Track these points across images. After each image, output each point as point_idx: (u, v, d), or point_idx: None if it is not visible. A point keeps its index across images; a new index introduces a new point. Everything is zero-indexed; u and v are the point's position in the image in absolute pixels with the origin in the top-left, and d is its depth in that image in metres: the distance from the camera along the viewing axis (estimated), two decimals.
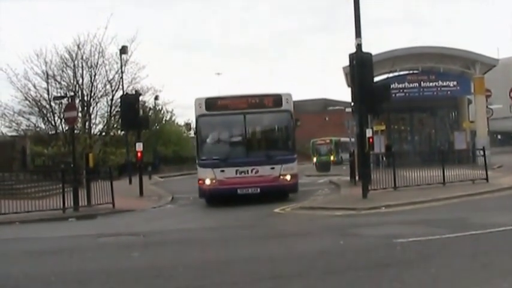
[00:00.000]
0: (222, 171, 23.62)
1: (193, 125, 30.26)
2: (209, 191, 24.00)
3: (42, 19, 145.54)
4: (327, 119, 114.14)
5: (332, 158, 74.42)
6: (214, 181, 23.73)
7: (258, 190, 23.55)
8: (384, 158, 33.59)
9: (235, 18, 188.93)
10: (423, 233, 13.09)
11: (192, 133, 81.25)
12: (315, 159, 73.71)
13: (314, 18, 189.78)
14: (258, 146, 25.21)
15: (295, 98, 24.97)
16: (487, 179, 26.05)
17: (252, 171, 23.64)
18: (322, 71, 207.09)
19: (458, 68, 44.77)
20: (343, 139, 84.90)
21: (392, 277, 9.10)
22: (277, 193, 24.19)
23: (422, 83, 44.60)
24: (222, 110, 24.36)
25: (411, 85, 44.65)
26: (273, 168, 23.73)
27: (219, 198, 24.18)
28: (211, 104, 24.35)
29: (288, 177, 23.86)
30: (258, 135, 25.65)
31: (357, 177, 28.52)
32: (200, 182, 24.22)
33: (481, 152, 28.61)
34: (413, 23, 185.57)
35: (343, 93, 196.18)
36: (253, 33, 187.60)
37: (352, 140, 42.68)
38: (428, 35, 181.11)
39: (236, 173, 23.55)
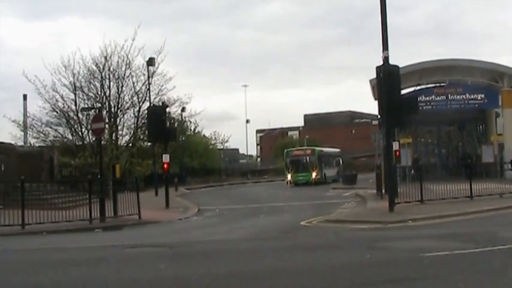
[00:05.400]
0: None
1: None
2: None
3: (71, 30, 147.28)
4: (353, 131, 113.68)
5: (314, 175, 59.11)
6: None
7: None
8: (412, 171, 33.40)
9: (259, 29, 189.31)
10: (451, 247, 12.96)
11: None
12: (289, 177, 59.86)
13: (342, 29, 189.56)
14: None
15: (321, 110, 24.03)
16: None
17: None
18: (349, 83, 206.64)
19: (486, 81, 44.49)
20: (327, 149, 70.86)
21: None
22: None
23: (449, 95, 44.40)
24: None
25: (438, 98, 44.47)
26: None
27: None
28: None
29: None
30: None
31: (383, 191, 28.41)
32: None
33: (509, 166, 28.34)
34: (441, 35, 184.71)
35: (370, 105, 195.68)
36: (278, 44, 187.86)
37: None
38: (455, 47, 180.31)
39: None
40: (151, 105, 44.01)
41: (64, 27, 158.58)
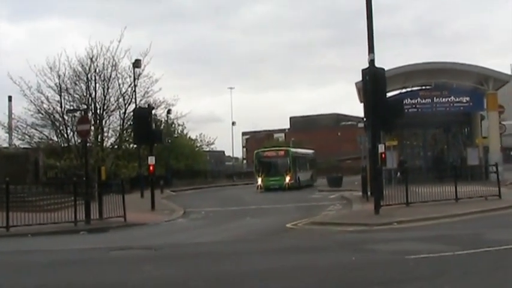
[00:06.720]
0: None
1: None
2: None
3: (56, 30, 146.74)
4: (339, 134, 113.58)
5: (288, 179, 53.51)
6: None
7: None
8: (398, 174, 33.45)
9: (244, 31, 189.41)
10: (436, 249, 12.99)
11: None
12: (259, 181, 54.19)
13: (328, 31, 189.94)
14: None
15: (307, 112, 23.93)
16: (499, 195, 25.91)
17: None
18: (335, 85, 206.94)
19: (471, 84, 44.68)
20: (301, 150, 65.33)
21: None
22: None
23: (435, 98, 44.57)
24: None
25: (424, 101, 44.63)
26: None
27: None
28: None
29: None
30: None
31: (369, 193, 28.44)
32: None
33: (494, 168, 28.42)
34: (427, 38, 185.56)
35: (356, 108, 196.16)
36: (264, 46, 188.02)
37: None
38: (441, 50, 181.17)
39: None
40: (137, 107, 43.88)
41: (50, 29, 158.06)
